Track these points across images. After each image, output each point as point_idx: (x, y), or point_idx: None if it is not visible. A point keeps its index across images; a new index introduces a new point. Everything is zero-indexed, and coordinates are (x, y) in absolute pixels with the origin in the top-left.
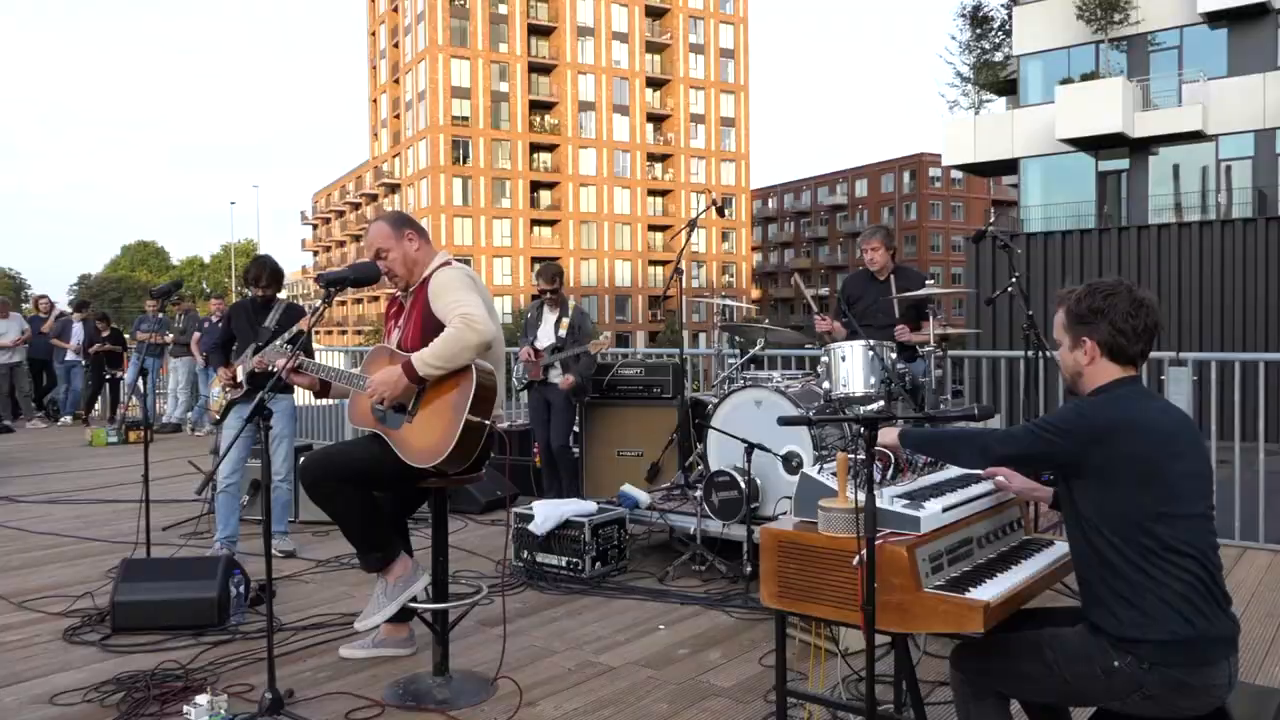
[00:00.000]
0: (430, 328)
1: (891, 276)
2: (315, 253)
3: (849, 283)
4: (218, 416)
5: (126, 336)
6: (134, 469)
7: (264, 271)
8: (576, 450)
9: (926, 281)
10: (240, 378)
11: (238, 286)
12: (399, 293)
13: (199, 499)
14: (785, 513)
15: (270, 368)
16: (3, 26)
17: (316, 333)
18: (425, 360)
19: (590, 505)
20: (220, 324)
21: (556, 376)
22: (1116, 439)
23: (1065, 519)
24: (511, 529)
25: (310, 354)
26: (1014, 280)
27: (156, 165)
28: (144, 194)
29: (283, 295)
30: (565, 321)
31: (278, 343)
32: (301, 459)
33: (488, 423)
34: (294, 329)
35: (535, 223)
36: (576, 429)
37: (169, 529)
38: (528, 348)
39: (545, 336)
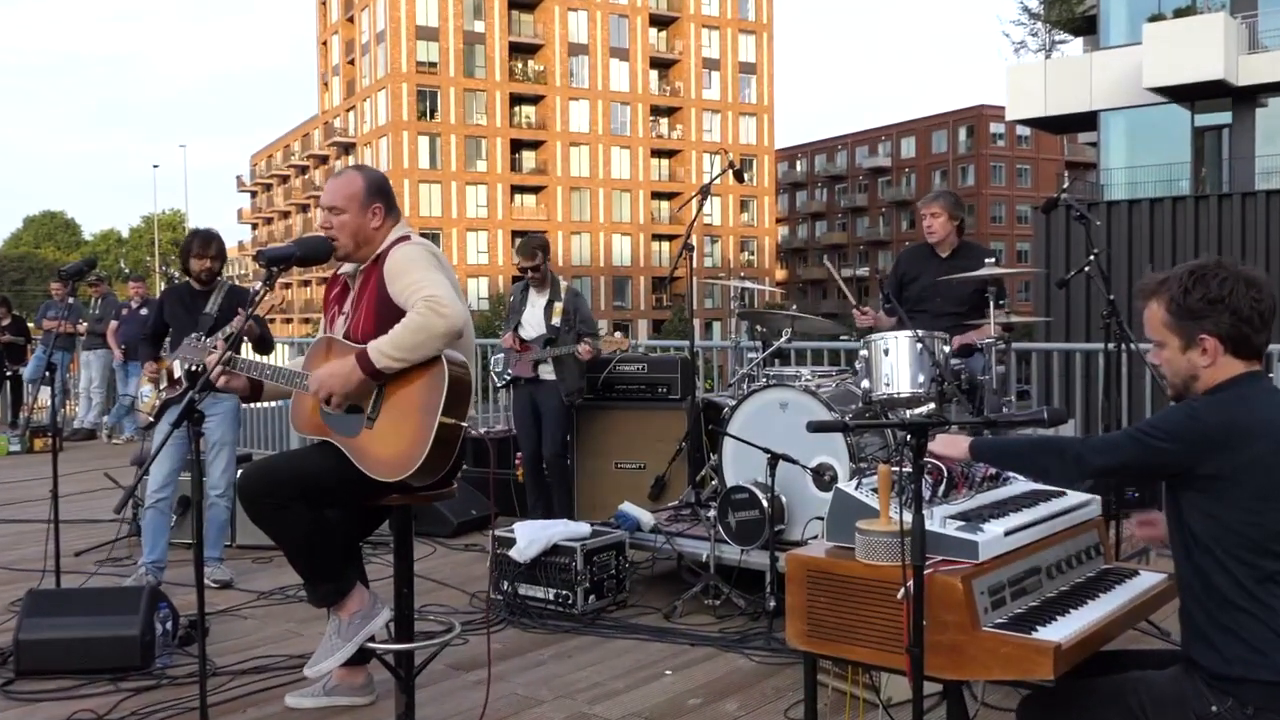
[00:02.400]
0: (386, 314)
1: (954, 255)
2: (254, 225)
3: (904, 258)
4: (150, 418)
5: (30, 325)
6: (41, 483)
7: (214, 239)
8: (568, 461)
9: (987, 260)
10: (178, 374)
11: (162, 265)
12: (344, 270)
13: (118, 519)
14: (816, 536)
15: (195, 366)
16: None
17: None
18: (383, 350)
19: (583, 527)
20: (151, 312)
21: (548, 373)
22: (1238, 443)
23: (1170, 538)
24: (491, 555)
25: (272, 343)
26: (1092, 258)
27: (63, 122)
28: (49, 156)
29: (222, 276)
30: (558, 307)
31: (205, 339)
32: (239, 472)
33: (464, 425)
34: (238, 322)
35: (517, 189)
36: (568, 436)
37: (82, 554)
38: (511, 334)
39: (533, 325)
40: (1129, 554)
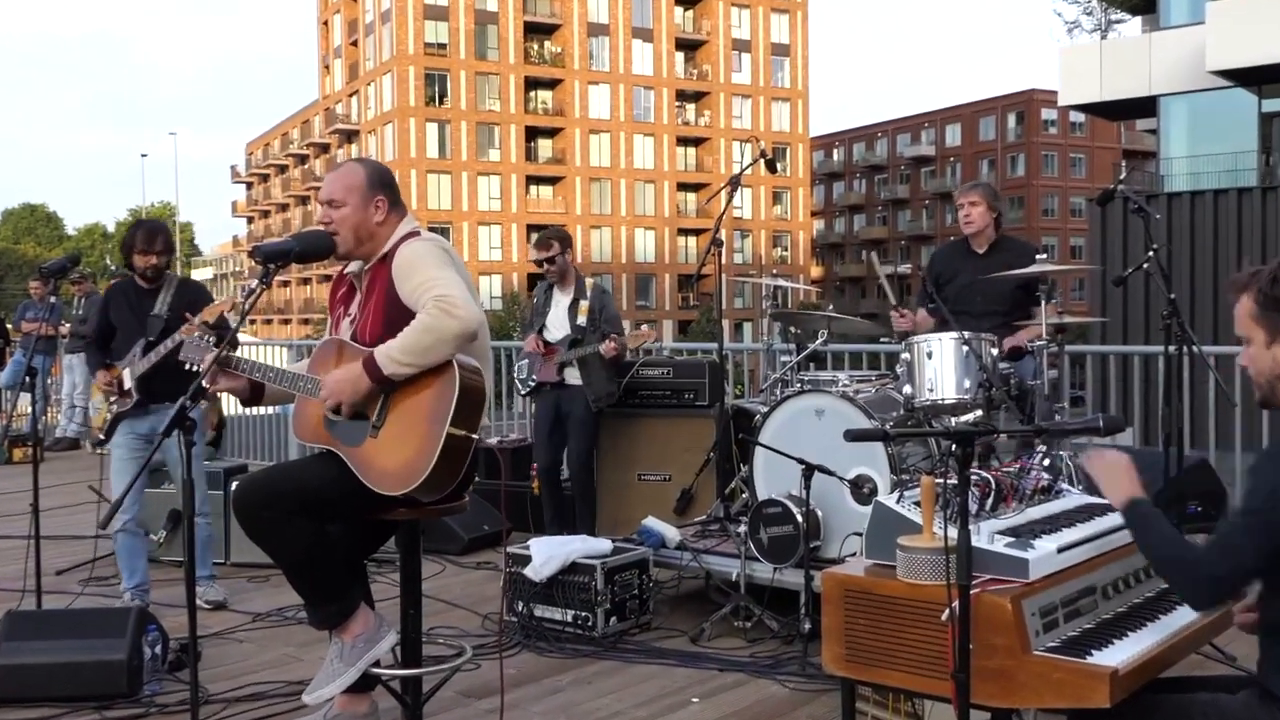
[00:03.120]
0: (395, 316)
1: (992, 250)
2: (250, 219)
3: (938, 258)
4: (100, 435)
5: (9, 327)
6: (20, 497)
7: (160, 233)
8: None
9: (1038, 256)
10: (129, 384)
11: None
12: (350, 270)
13: (104, 535)
14: (854, 554)
15: (192, 365)
16: None
17: (252, 321)
18: (392, 355)
19: (604, 544)
20: (96, 313)
21: (574, 378)
22: None
23: None
24: (504, 573)
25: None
26: (1151, 254)
27: (45, 108)
28: (29, 145)
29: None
30: (584, 306)
31: (207, 338)
32: (233, 483)
33: (475, 436)
34: (214, 314)
35: (532, 180)
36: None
37: (65, 573)
38: (534, 335)
39: (557, 326)
40: None
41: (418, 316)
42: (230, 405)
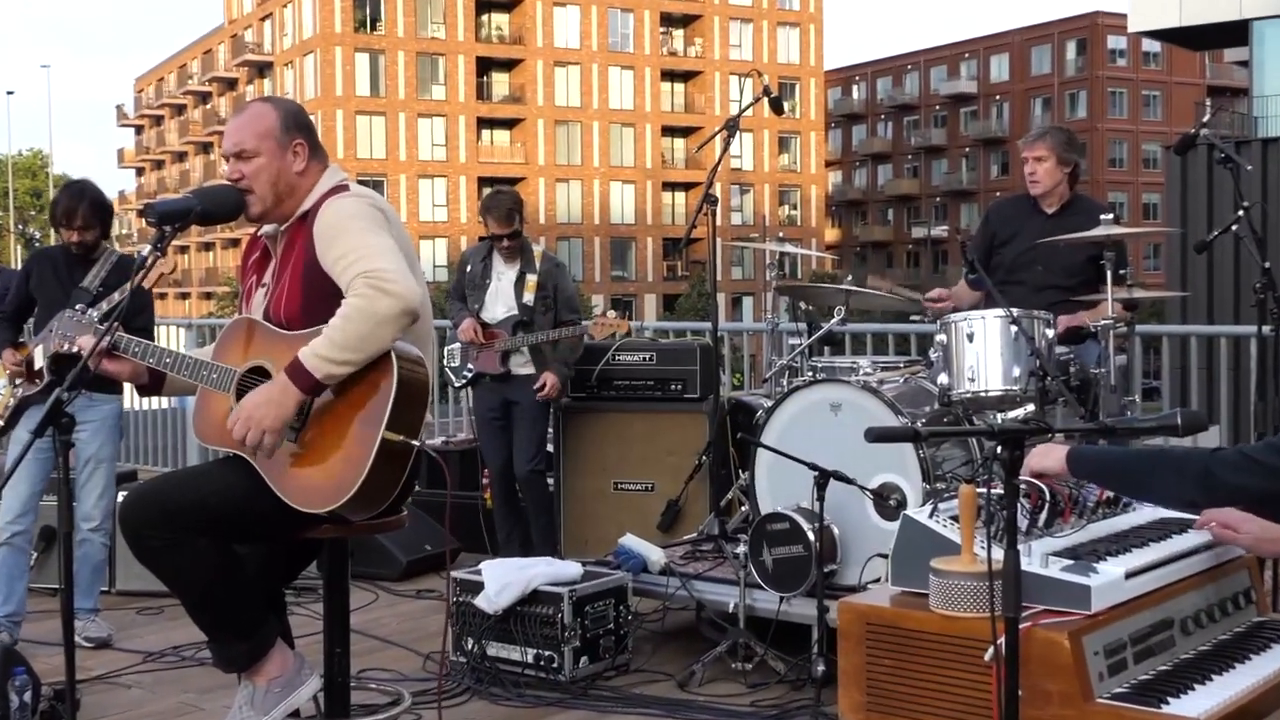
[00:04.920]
0: (316, 287)
1: (1064, 210)
2: (140, 170)
3: (996, 214)
4: (0, 422)
5: None
6: None
7: (80, 203)
8: (551, 480)
9: (1103, 217)
10: (40, 363)
11: (18, 223)
12: (264, 231)
13: None
14: (878, 579)
15: (69, 347)
16: None
17: None
18: (322, 354)
19: (572, 568)
20: (12, 285)
21: (523, 367)
22: None
23: None
24: (450, 604)
25: (152, 331)
26: (1241, 214)
27: None
28: None
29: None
30: (531, 280)
31: (88, 313)
32: (123, 495)
33: (416, 443)
34: (119, 295)
35: (485, 123)
36: (550, 447)
37: None
38: (471, 320)
39: (499, 303)
40: None
41: (346, 300)
42: (128, 398)
